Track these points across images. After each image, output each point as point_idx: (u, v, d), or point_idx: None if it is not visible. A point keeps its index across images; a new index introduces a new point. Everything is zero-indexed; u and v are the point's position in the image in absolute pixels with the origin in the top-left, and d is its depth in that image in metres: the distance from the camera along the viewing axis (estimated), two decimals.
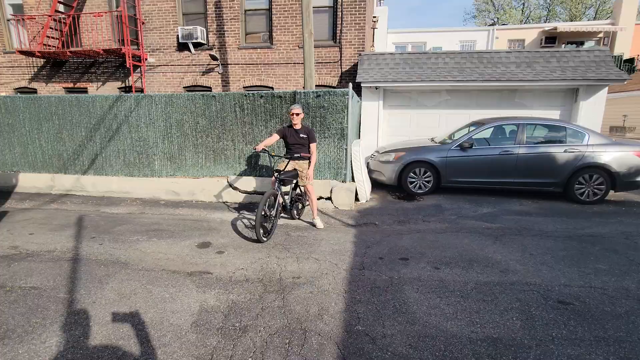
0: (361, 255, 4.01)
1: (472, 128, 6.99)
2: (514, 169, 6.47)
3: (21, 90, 11.16)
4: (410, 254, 4.05)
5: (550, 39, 18.95)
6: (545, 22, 32.43)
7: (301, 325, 2.70)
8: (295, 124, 4.77)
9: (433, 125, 8.81)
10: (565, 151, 6.29)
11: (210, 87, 10.14)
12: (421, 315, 2.83)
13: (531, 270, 3.62)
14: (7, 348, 2.44)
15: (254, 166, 6.51)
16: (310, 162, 4.91)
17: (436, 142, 7.19)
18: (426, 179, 6.83)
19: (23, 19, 10.29)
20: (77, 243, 4.35)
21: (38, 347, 2.45)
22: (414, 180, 6.87)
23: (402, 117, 9.02)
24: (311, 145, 4.81)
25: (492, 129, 6.84)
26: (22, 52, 9.86)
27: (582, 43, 18.93)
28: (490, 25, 28.72)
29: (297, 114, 4.68)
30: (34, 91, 11.04)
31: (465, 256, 4.00)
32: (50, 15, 9.76)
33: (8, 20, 10.84)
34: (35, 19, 10.14)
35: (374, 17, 13.39)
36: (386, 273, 3.57)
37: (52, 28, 10.12)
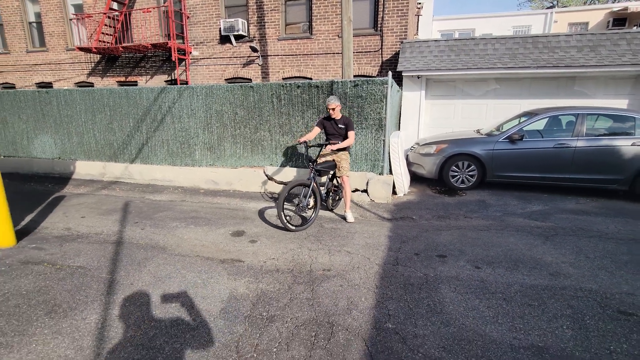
0: (395, 250, 3.85)
1: (523, 119, 6.46)
2: (570, 164, 5.90)
3: (80, 85, 12.03)
4: (448, 251, 3.82)
5: (619, 20, 17.02)
6: (612, 2, 29.25)
7: (329, 319, 2.62)
8: (333, 116, 4.69)
9: (479, 117, 8.28)
10: (633, 144, 5.62)
11: (250, 79, 10.28)
12: (457, 317, 2.63)
13: (587, 275, 3.26)
14: (53, 322, 2.60)
15: (290, 157, 6.50)
16: (348, 153, 4.89)
17: (482, 134, 6.73)
18: (470, 173, 6.44)
19: (83, 18, 11.05)
20: (121, 227, 4.59)
21: (79, 323, 2.59)
22: (456, 174, 6.50)
23: (445, 107, 8.56)
24: (349, 132, 4.72)
25: (546, 119, 6.29)
26: (80, 49, 10.60)
27: None
28: (548, 8, 26.42)
29: (333, 109, 4.62)
30: (91, 85, 11.86)
31: (511, 256, 3.69)
32: (105, 13, 10.38)
33: (70, 19, 11.68)
34: (92, 17, 10.84)
35: (419, 3, 12.81)
36: (421, 270, 3.38)
37: (106, 25, 10.76)
